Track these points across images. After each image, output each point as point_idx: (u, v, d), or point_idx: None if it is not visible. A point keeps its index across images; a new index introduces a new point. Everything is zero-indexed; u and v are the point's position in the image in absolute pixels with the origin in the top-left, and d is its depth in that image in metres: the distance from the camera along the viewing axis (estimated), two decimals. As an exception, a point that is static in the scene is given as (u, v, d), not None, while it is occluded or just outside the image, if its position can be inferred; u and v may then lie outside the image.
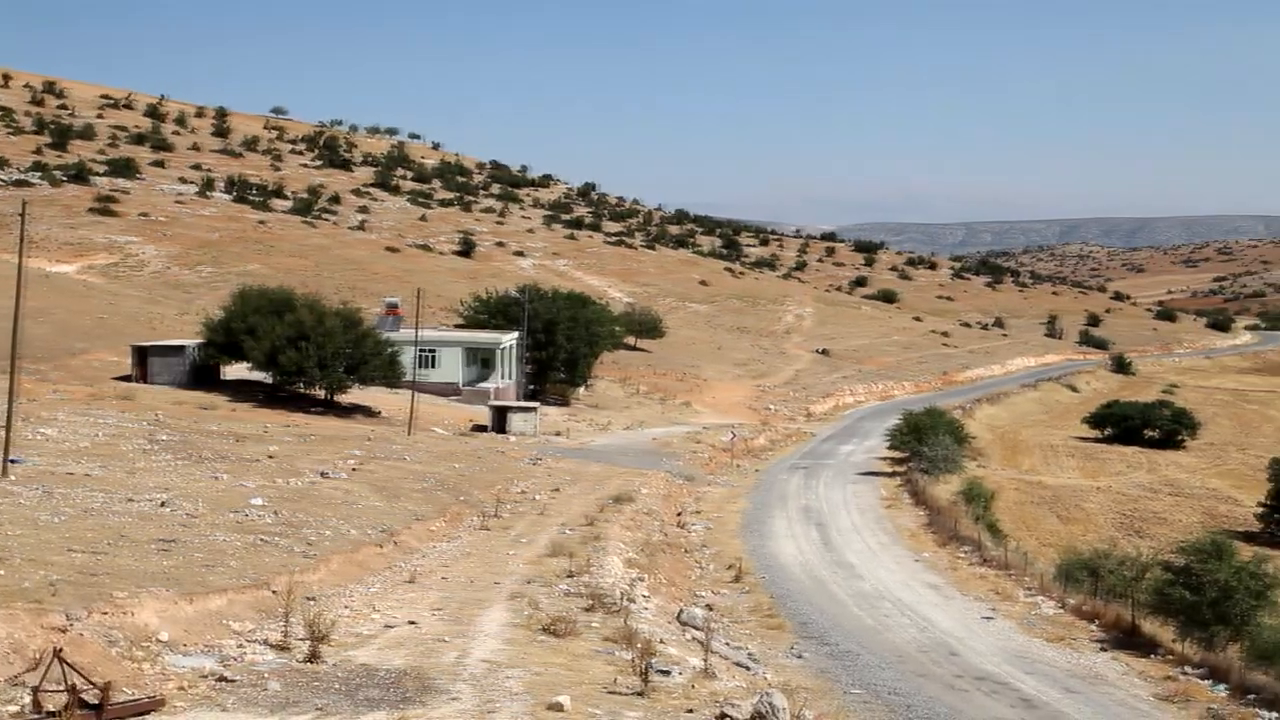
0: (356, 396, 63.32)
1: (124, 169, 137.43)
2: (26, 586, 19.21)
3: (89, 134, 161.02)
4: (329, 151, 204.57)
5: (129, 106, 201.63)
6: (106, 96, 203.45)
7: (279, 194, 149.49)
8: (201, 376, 61.62)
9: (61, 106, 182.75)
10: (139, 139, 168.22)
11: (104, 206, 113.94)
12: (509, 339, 76.11)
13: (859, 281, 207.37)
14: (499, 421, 62.73)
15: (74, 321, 70.03)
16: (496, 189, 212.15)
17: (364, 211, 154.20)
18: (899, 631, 29.75)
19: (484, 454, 51.39)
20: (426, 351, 70.32)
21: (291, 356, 58.23)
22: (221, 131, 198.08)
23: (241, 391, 60.42)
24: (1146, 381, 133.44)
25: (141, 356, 60.52)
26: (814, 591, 34.29)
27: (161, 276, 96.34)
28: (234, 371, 64.51)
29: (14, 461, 31.60)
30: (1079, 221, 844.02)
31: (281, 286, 69.02)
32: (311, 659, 18.21)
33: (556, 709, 16.53)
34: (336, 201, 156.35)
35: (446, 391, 70.52)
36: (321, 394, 61.54)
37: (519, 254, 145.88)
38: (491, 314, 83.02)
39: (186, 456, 38.14)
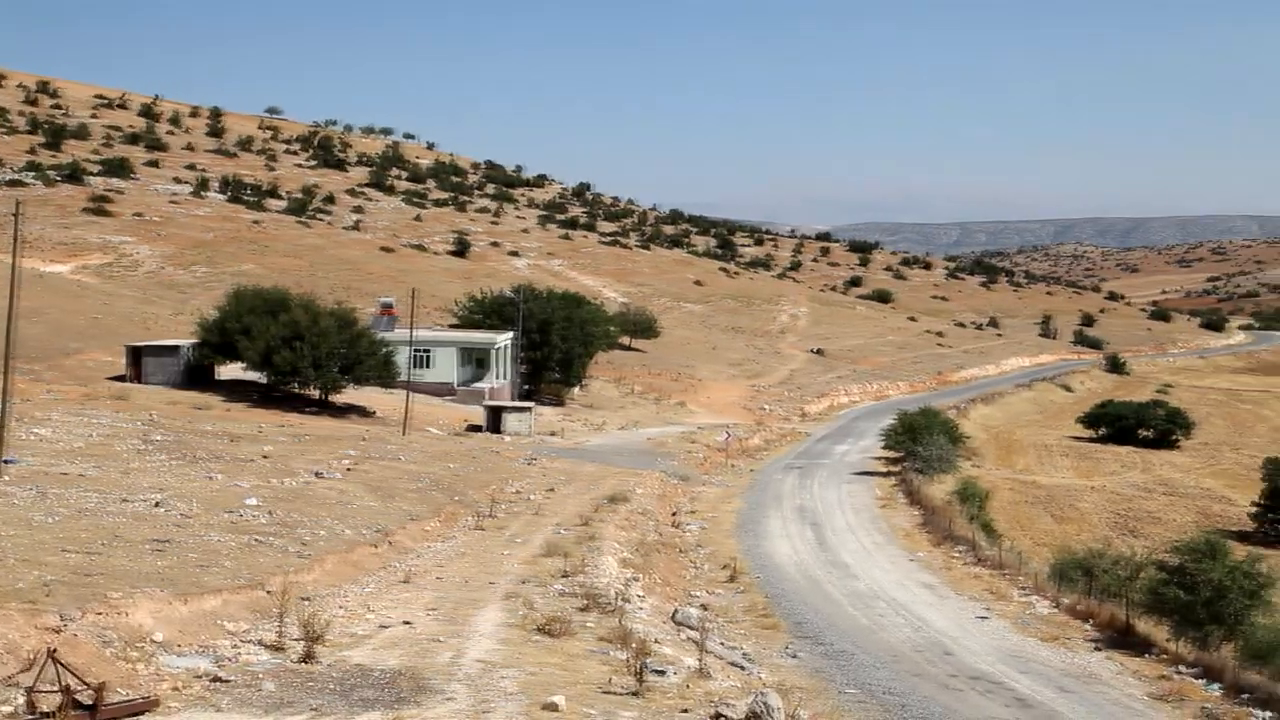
0: (351, 396, 63.27)
1: (118, 169, 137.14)
2: (21, 587, 19.18)
3: (83, 134, 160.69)
4: (324, 151, 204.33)
5: (123, 106, 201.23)
6: (101, 96, 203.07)
7: (274, 194, 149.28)
8: (196, 376, 61.54)
9: (56, 106, 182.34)
10: (133, 139, 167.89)
11: (98, 206, 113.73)
12: (504, 339, 76.08)
13: (854, 281, 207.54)
14: (494, 421, 62.72)
15: (68, 321, 69.91)
16: (491, 189, 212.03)
17: (359, 211, 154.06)
18: (894, 631, 29.78)
19: (479, 454, 51.38)
20: (421, 351, 70.31)
21: (286, 356, 58.17)
22: (216, 131, 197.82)
23: (236, 391, 60.35)
24: (1141, 381, 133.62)
25: (136, 356, 60.43)
26: (809, 591, 34.31)
27: (156, 276, 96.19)
28: (228, 371, 64.44)
29: (8, 462, 31.56)
30: (1074, 221, 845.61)
31: (276, 286, 68.95)
32: (306, 659, 18.21)
33: (551, 709, 16.53)
34: (331, 201, 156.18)
35: (441, 391, 70.49)
36: (316, 394, 61.47)
37: (514, 254, 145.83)
38: (486, 314, 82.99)
39: (181, 457, 38.09)
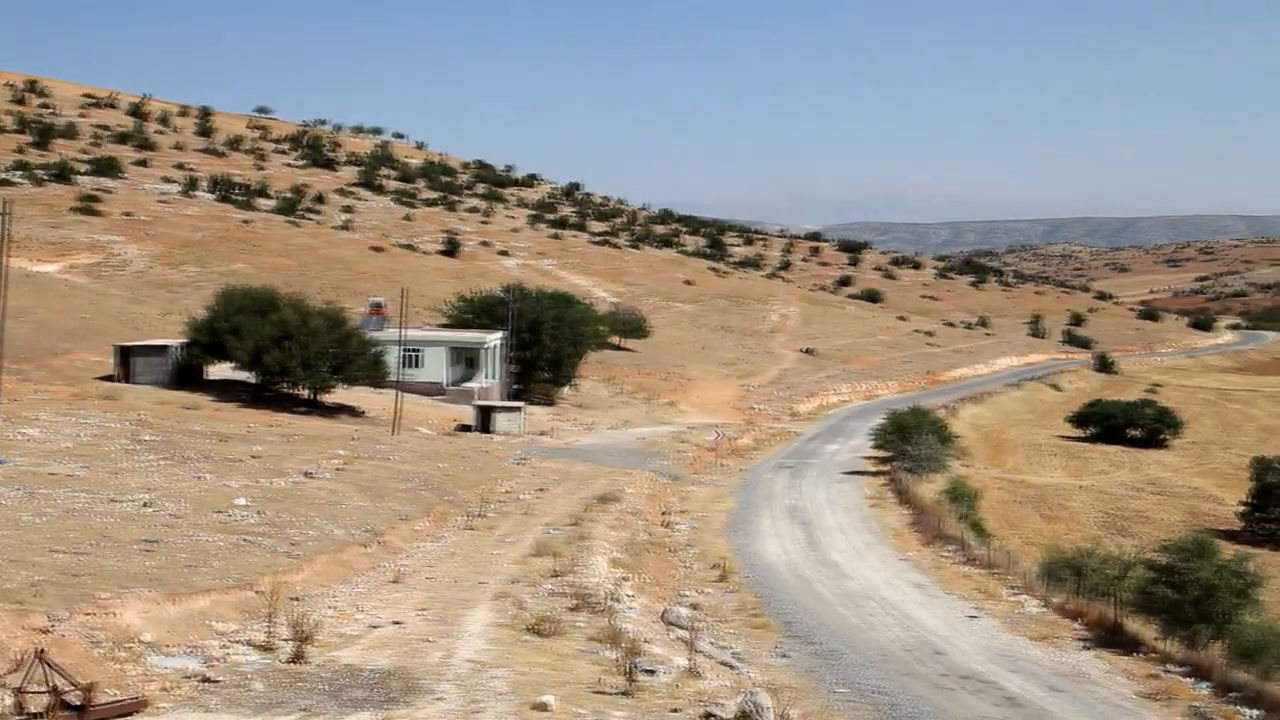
0: (341, 396, 63.18)
1: (107, 168, 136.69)
2: (9, 587, 19.12)
3: (72, 133, 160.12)
4: (313, 151, 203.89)
5: (112, 105, 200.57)
6: (89, 95, 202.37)
7: (263, 193, 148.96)
8: (185, 376, 61.39)
9: (44, 105, 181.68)
10: (122, 138, 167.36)
11: (87, 206, 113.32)
12: (494, 339, 76.04)
13: (844, 281, 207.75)
14: (484, 421, 62.67)
15: (57, 321, 69.69)
16: (481, 189, 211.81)
17: (348, 211, 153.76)
18: (884, 630, 29.80)
19: (469, 454, 51.34)
20: (411, 351, 70.24)
21: (276, 356, 58.08)
22: (205, 131, 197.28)
23: (225, 391, 60.23)
24: (1130, 381, 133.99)
25: (125, 356, 60.26)
26: (799, 591, 34.32)
27: (145, 276, 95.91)
28: (218, 371, 64.30)
29: (-4, 462, 31.45)
30: (1063, 221, 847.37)
31: (266, 286, 68.85)
32: (296, 659, 18.18)
33: (542, 709, 16.53)
34: (321, 201, 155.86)
35: (431, 391, 70.43)
36: (306, 394, 61.39)
37: (504, 254, 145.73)
38: (476, 314, 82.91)
39: (170, 457, 38.01)
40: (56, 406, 47.51)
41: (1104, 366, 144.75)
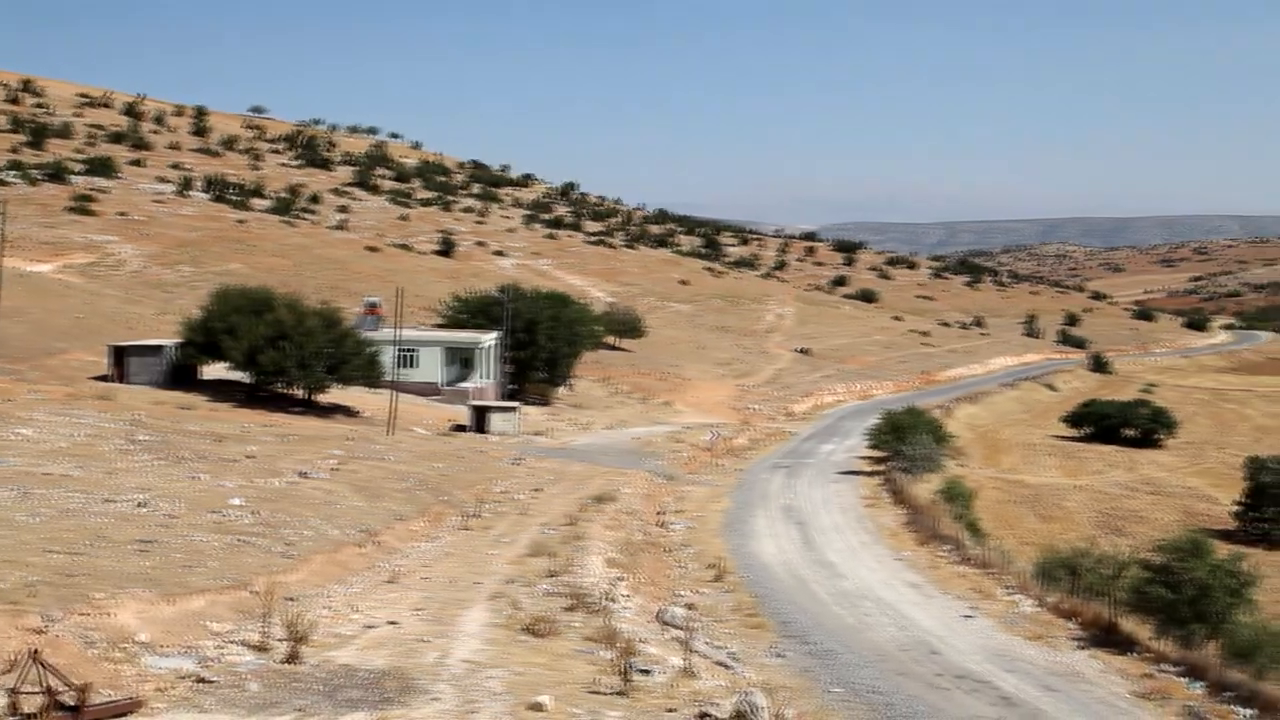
0: (336, 396, 63.11)
1: (102, 168, 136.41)
2: (3, 588, 19.10)
3: (66, 133, 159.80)
4: (308, 151, 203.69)
5: (107, 105, 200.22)
6: (84, 95, 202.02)
7: (258, 193, 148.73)
8: (180, 376, 61.29)
9: (39, 105, 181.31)
10: (117, 138, 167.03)
11: (82, 205, 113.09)
12: (489, 339, 76.00)
13: (839, 281, 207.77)
14: (479, 421, 62.64)
15: (51, 321, 69.56)
16: (477, 188, 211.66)
17: (344, 211, 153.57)
18: (880, 630, 29.82)
19: (465, 454, 51.32)
20: (406, 351, 70.19)
21: (271, 356, 57.99)
22: (200, 130, 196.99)
23: (221, 391, 60.14)
24: (1125, 380, 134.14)
25: (119, 356, 60.14)
26: (795, 590, 34.33)
27: (140, 276, 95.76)
28: (212, 371, 64.19)
29: (-9, 462, 31.41)
30: (1059, 221, 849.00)
31: (261, 286, 68.73)
32: (291, 660, 18.17)
33: (537, 709, 16.53)
34: (316, 201, 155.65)
35: (427, 391, 70.38)
36: (301, 394, 61.30)
37: (499, 253, 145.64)
38: (472, 314, 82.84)
39: (165, 457, 37.95)
40: (51, 406, 47.41)
41: (1099, 366, 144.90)
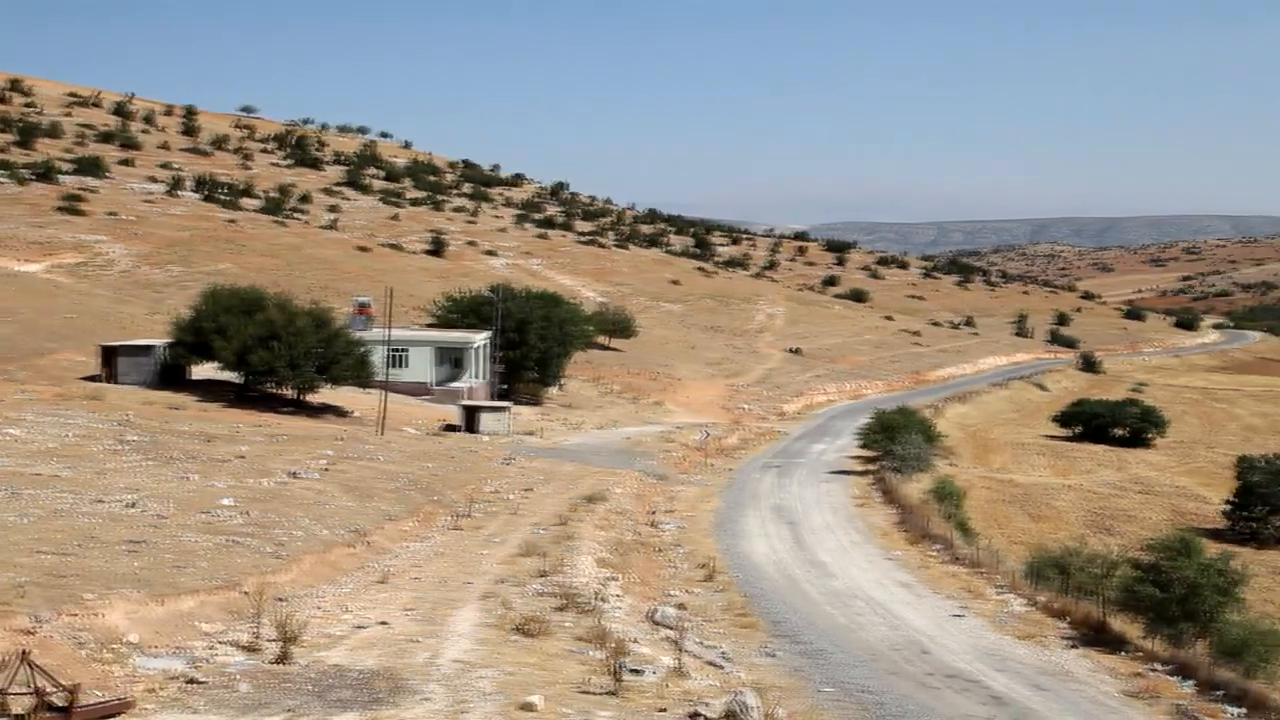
0: (327, 396, 63.02)
1: (91, 167, 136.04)
2: (-7, 589, 19.02)
3: (56, 132, 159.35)
4: (299, 150, 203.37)
5: (96, 105, 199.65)
6: (73, 94, 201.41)
7: (248, 193, 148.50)
8: (170, 376, 61.17)
9: (28, 104, 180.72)
10: (106, 137, 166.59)
11: (71, 205, 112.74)
12: (480, 338, 75.94)
13: (830, 281, 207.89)
14: (470, 421, 62.57)
15: (41, 321, 69.36)
16: (468, 188, 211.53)
17: (334, 210, 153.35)
18: (871, 630, 29.86)
19: (456, 454, 51.27)
20: (397, 351, 70.10)
21: (262, 356, 57.89)
22: (190, 130, 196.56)
23: (211, 391, 60.02)
24: (1115, 380, 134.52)
25: (109, 356, 59.99)
26: (786, 590, 34.36)
27: (130, 276, 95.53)
28: (203, 371, 64.06)
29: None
30: (1049, 221, 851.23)
31: (252, 286, 68.66)
32: (282, 660, 18.14)
33: (529, 709, 16.53)
34: (306, 201, 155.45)
35: (417, 391, 70.31)
36: (292, 394, 61.21)
37: (490, 253, 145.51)
38: (463, 313, 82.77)
39: (156, 457, 37.86)
40: (41, 407, 47.28)
41: (1089, 366, 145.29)
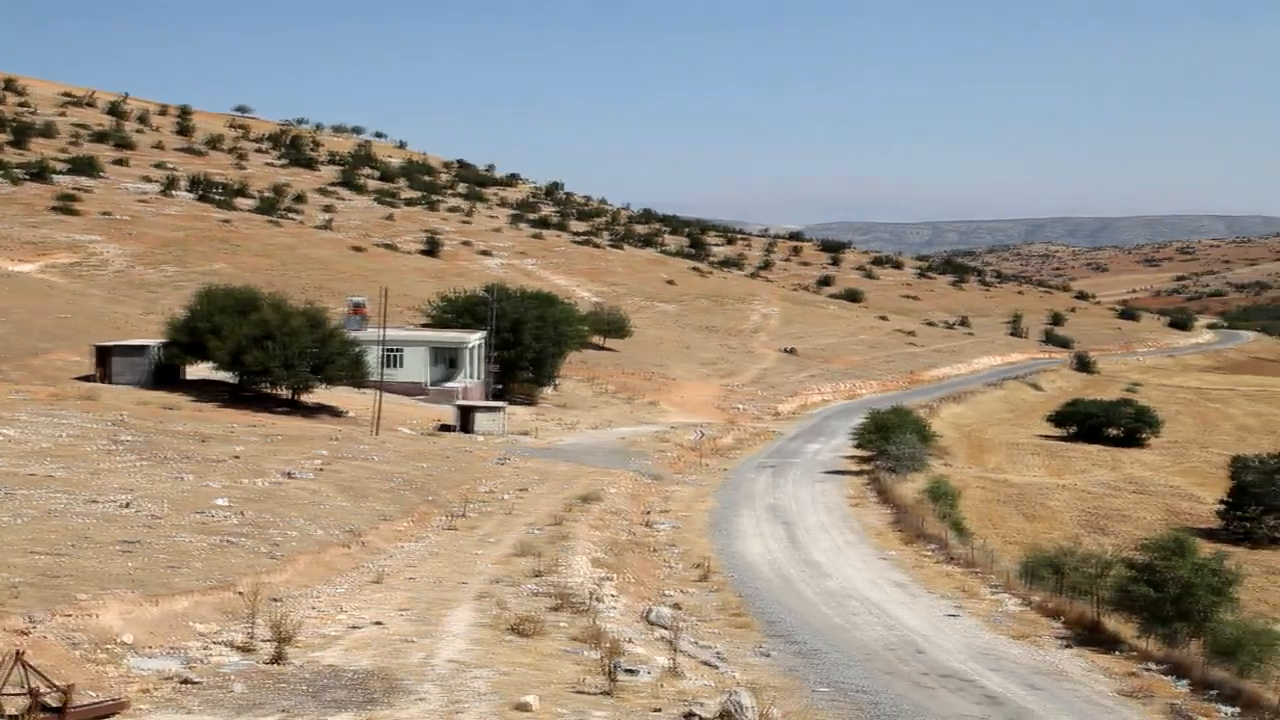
0: (322, 396, 62.97)
1: (86, 167, 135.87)
2: (-13, 589, 18.99)
3: (50, 132, 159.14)
4: (293, 150, 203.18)
5: (91, 104, 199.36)
6: (67, 94, 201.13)
7: (243, 193, 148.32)
8: (164, 376, 61.09)
9: (22, 104, 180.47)
10: (101, 137, 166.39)
11: (65, 205, 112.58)
12: (475, 338, 75.91)
13: (825, 281, 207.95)
14: (465, 421, 62.56)
15: (35, 321, 69.24)
16: (462, 188, 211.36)
17: (329, 210, 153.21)
18: (866, 629, 29.88)
19: (451, 454, 51.24)
20: (392, 351, 70.03)
21: (256, 356, 57.84)
22: (185, 130, 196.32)
23: (205, 391, 59.97)
24: (1109, 380, 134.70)
25: (104, 356, 59.91)
26: (781, 590, 34.38)
27: (125, 276, 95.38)
28: (197, 371, 63.99)
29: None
30: (1043, 221, 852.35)
31: (246, 286, 68.61)
32: (276, 660, 18.12)
33: (524, 709, 16.52)
34: (301, 200, 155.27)
35: (412, 391, 70.27)
36: (286, 394, 61.15)
37: (485, 253, 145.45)
38: (458, 313, 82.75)
39: (150, 457, 37.81)
40: (35, 407, 47.20)
41: (1083, 366, 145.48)
